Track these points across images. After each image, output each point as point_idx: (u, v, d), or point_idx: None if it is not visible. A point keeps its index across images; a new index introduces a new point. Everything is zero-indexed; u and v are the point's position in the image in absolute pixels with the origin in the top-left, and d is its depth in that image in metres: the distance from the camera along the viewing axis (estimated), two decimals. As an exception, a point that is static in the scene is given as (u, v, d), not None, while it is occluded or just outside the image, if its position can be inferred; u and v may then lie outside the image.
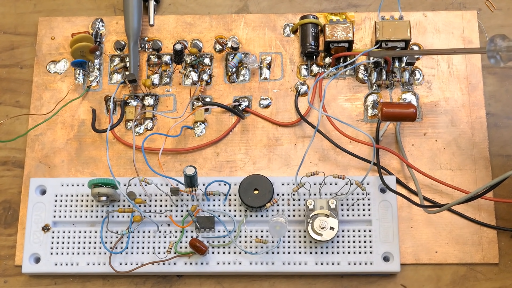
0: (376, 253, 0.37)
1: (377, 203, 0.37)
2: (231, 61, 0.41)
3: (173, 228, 0.37)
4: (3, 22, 0.44)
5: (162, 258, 0.37)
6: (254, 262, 0.37)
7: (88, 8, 0.44)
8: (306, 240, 0.37)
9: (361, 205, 0.37)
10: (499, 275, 0.37)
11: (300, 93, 0.41)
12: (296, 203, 0.37)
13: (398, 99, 0.40)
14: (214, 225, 0.37)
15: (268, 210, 0.37)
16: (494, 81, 0.41)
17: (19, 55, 0.43)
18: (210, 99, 0.41)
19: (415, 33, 0.42)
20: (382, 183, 0.37)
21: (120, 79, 0.42)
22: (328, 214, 0.36)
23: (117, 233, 0.37)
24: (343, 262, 0.36)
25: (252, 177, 0.37)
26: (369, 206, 0.37)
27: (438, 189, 0.38)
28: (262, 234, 0.37)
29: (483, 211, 0.38)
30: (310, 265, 0.36)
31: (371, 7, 0.43)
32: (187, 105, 0.41)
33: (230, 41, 0.42)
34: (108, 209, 0.38)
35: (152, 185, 0.37)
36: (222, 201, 0.37)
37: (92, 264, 0.37)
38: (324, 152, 0.40)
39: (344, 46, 0.40)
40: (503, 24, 0.42)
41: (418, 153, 0.39)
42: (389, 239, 0.37)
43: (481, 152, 0.39)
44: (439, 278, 0.37)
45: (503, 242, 0.38)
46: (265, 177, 0.37)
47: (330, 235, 0.36)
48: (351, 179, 0.36)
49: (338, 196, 0.37)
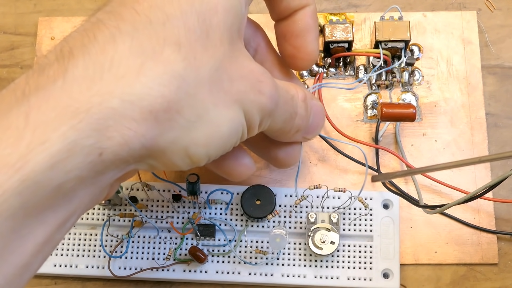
0: (376, 270, 0.36)
1: (379, 219, 0.37)
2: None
3: (174, 235, 0.37)
4: (3, 22, 0.44)
5: (161, 264, 0.37)
6: (253, 272, 0.37)
7: (88, 8, 0.44)
8: (306, 253, 0.37)
9: (363, 221, 0.37)
10: (499, 275, 0.37)
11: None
12: (298, 215, 0.37)
13: (398, 100, 0.40)
14: (214, 234, 0.37)
15: (269, 221, 0.37)
16: (493, 81, 0.41)
17: (19, 55, 0.43)
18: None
19: (414, 34, 0.42)
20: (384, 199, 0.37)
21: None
22: (330, 228, 0.36)
23: (117, 237, 0.37)
24: (342, 277, 0.36)
25: (255, 187, 0.37)
26: (371, 221, 0.37)
27: (438, 189, 0.39)
28: (262, 245, 0.37)
29: (483, 212, 0.38)
30: (309, 278, 0.36)
31: (371, 7, 0.43)
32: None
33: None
34: (109, 212, 0.38)
35: (154, 191, 0.37)
36: (223, 210, 0.37)
37: (91, 267, 0.37)
38: (323, 152, 0.40)
39: (344, 46, 0.40)
40: (503, 24, 0.42)
41: (417, 153, 0.39)
42: (390, 256, 0.37)
43: (481, 152, 0.39)
44: (439, 278, 0.37)
45: (503, 242, 0.38)
46: (267, 187, 0.37)
47: (330, 249, 0.36)
48: (354, 194, 0.36)
49: (340, 210, 0.37)
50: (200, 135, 0.23)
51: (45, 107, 0.20)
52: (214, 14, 0.23)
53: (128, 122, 0.21)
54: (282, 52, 0.32)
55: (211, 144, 0.24)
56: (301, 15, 0.30)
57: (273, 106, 0.26)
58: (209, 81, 0.23)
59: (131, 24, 0.22)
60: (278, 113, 0.27)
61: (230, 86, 0.24)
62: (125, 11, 0.22)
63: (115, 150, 0.21)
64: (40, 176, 0.19)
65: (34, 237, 0.21)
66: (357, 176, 0.39)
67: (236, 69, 0.25)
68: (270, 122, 0.27)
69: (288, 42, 0.31)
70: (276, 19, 0.31)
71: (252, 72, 0.25)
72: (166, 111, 0.22)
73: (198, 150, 0.24)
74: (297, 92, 0.29)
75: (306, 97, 0.30)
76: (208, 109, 0.23)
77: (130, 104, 0.21)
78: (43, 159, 0.19)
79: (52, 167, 0.19)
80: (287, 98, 0.28)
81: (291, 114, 0.29)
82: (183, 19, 0.23)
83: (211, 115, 0.24)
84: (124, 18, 0.22)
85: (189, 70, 0.22)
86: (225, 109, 0.24)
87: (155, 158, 0.23)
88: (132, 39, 0.22)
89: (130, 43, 0.21)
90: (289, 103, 0.28)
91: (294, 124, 0.29)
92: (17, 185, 0.19)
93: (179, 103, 0.22)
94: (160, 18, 0.22)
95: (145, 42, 0.22)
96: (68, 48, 0.22)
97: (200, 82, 0.23)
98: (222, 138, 0.24)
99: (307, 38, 0.31)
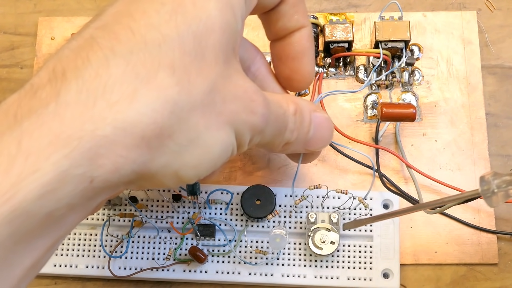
0: (376, 270, 0.36)
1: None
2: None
3: (173, 235, 0.37)
4: (3, 22, 0.44)
5: (161, 264, 0.37)
6: (253, 272, 0.37)
7: (88, 8, 0.44)
8: (306, 253, 0.37)
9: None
10: (499, 275, 0.37)
11: (300, 93, 0.41)
12: (298, 215, 0.37)
13: (398, 100, 0.40)
14: (214, 234, 0.37)
15: (269, 221, 0.37)
16: (493, 81, 0.41)
17: (19, 55, 0.43)
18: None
19: (414, 34, 0.42)
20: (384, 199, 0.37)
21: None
22: (330, 228, 0.36)
23: (117, 237, 0.37)
24: (342, 277, 0.36)
25: (255, 187, 0.37)
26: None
27: (438, 189, 0.39)
28: (262, 245, 0.37)
29: (483, 212, 0.38)
30: (309, 278, 0.36)
31: (371, 7, 0.43)
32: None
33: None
34: (109, 212, 0.38)
35: (154, 191, 0.37)
36: (223, 210, 0.37)
37: (91, 267, 0.37)
38: (323, 152, 0.40)
39: (344, 46, 0.40)
40: (503, 24, 0.42)
41: (417, 153, 0.39)
42: (390, 256, 0.37)
43: (481, 152, 0.39)
44: (439, 278, 0.37)
45: (503, 242, 0.38)
46: (267, 187, 0.37)
47: (330, 249, 0.36)
48: (354, 194, 0.36)
49: (341, 210, 0.37)
50: (190, 158, 0.23)
51: (37, 133, 0.19)
52: (210, 34, 0.23)
53: (119, 150, 0.21)
54: (279, 74, 0.32)
55: (201, 165, 0.24)
56: (297, 37, 0.30)
57: (264, 125, 0.26)
58: (202, 104, 0.23)
59: (125, 46, 0.21)
60: (268, 129, 0.27)
61: (223, 107, 0.24)
62: (120, 29, 0.22)
63: (106, 177, 0.21)
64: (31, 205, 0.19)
65: (22, 263, 0.20)
66: (357, 176, 0.39)
67: (229, 88, 0.24)
68: (260, 138, 0.27)
69: (284, 64, 0.31)
70: (272, 39, 0.31)
71: (246, 92, 0.25)
72: (158, 137, 0.22)
73: (188, 172, 0.24)
74: (289, 106, 0.29)
75: (297, 110, 0.29)
76: (199, 133, 0.23)
77: (122, 131, 0.20)
78: (34, 188, 0.19)
79: (43, 196, 0.19)
80: (279, 114, 0.28)
81: (280, 129, 0.29)
82: (179, 41, 0.22)
83: (203, 138, 0.23)
84: (118, 38, 0.22)
85: (183, 94, 0.22)
86: (216, 131, 0.24)
87: (145, 180, 0.23)
88: (126, 63, 0.21)
89: (124, 67, 0.21)
90: (280, 118, 0.28)
91: (283, 138, 0.29)
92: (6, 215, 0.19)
93: (171, 128, 0.22)
94: (156, 39, 0.22)
95: (139, 66, 0.21)
96: (61, 68, 0.21)
97: (193, 106, 0.23)
98: (213, 160, 0.24)
99: (304, 61, 0.31)
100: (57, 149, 0.19)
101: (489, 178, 0.27)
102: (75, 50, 0.22)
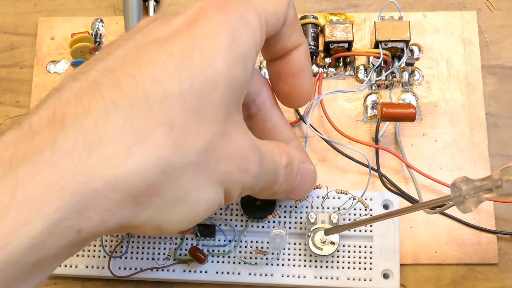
0: (376, 270, 0.36)
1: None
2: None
3: (173, 235, 0.37)
4: (3, 22, 0.44)
5: (161, 264, 0.37)
6: (253, 273, 0.37)
7: (88, 8, 0.44)
8: (306, 253, 0.37)
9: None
10: (499, 275, 0.37)
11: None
12: (298, 215, 0.37)
13: (398, 100, 0.40)
14: (214, 234, 0.37)
15: (269, 221, 0.37)
16: (493, 81, 0.41)
17: (19, 55, 0.43)
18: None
19: (414, 34, 0.42)
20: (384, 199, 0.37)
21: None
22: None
23: (117, 237, 0.37)
24: (342, 278, 0.36)
25: None
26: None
27: (438, 189, 0.39)
28: (262, 245, 0.37)
29: (483, 212, 0.38)
30: (309, 278, 0.36)
31: (371, 7, 0.43)
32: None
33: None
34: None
35: None
36: (224, 210, 0.37)
37: (91, 267, 0.37)
38: (323, 152, 0.40)
39: (344, 46, 0.40)
40: (503, 24, 0.42)
41: (417, 153, 0.39)
42: (390, 256, 0.37)
43: (481, 153, 0.39)
44: (439, 278, 0.37)
45: (503, 242, 0.38)
46: None
47: (330, 249, 0.36)
48: (354, 195, 0.36)
49: (341, 210, 0.37)
50: (175, 215, 0.24)
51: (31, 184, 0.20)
52: (214, 91, 0.23)
53: (108, 204, 0.21)
54: (278, 92, 0.32)
55: (184, 221, 0.24)
56: (296, 55, 0.30)
57: (256, 182, 0.27)
58: (195, 163, 0.23)
59: (127, 99, 0.21)
60: (259, 185, 0.28)
61: (216, 166, 0.24)
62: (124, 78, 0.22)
63: (93, 229, 0.21)
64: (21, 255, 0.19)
65: None
66: (357, 176, 0.39)
67: (225, 147, 0.24)
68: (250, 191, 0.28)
69: (284, 82, 0.31)
70: (269, 59, 0.31)
71: (242, 150, 0.25)
72: (145, 194, 0.22)
73: (170, 226, 0.24)
74: (281, 159, 0.29)
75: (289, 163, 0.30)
76: (187, 192, 0.23)
77: (112, 186, 0.21)
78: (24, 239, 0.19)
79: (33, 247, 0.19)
80: (270, 169, 0.28)
81: (270, 183, 0.29)
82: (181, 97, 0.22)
83: (190, 197, 0.24)
84: (121, 89, 0.22)
85: (177, 154, 0.22)
86: (205, 190, 0.24)
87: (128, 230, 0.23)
88: (125, 117, 0.21)
89: (123, 122, 0.21)
90: (272, 174, 0.28)
91: (272, 189, 0.30)
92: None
93: (159, 186, 0.22)
94: (158, 94, 0.22)
95: (138, 122, 0.21)
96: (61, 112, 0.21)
97: (185, 166, 0.23)
98: (197, 216, 0.25)
99: (303, 77, 0.31)
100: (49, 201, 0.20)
101: (459, 184, 0.27)
102: (77, 94, 0.22)
